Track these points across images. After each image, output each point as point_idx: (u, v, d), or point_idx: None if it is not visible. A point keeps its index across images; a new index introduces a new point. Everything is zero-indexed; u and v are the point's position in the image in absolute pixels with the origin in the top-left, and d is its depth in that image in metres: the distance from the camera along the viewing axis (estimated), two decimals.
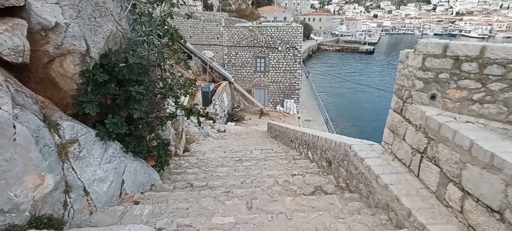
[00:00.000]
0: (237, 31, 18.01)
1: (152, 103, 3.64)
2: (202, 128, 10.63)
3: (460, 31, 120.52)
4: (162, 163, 3.47)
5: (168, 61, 4.12)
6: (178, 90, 3.66)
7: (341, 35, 77.47)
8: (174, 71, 4.04)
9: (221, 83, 17.53)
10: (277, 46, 17.82)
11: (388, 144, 2.81)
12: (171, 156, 5.28)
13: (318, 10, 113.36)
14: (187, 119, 3.53)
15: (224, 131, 12.54)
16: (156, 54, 3.23)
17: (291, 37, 17.56)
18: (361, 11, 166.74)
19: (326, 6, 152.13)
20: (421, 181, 2.24)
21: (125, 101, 3.06)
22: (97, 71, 2.76)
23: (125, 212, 2.48)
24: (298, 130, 5.95)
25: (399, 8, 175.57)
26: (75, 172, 2.42)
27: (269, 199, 2.79)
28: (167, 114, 4.04)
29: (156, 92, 3.54)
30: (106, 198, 2.65)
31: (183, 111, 3.51)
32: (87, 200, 2.46)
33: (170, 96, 3.61)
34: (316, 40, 64.25)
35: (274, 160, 5.02)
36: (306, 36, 60.07)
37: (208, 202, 2.74)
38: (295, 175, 3.88)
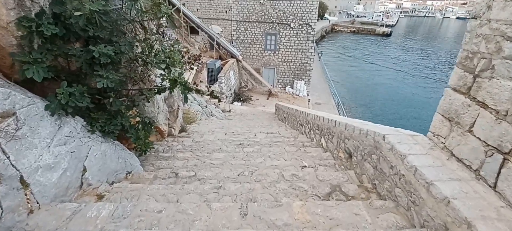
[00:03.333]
0: (247, 4, 16.82)
1: (132, 71, 2.93)
2: (206, 106, 10.00)
3: None
4: (140, 146, 2.81)
5: (160, 24, 3.37)
6: (164, 58, 2.92)
7: (357, 16, 73.86)
8: (178, 45, 3.24)
9: (228, 61, 16.67)
10: (289, 22, 16.61)
11: (439, 137, 2.02)
12: (164, 135, 4.66)
13: None
14: (170, 92, 2.81)
15: (229, 111, 11.89)
16: (128, 2, 2.47)
17: (305, 12, 16.28)
18: None
19: None
20: (502, 195, 1.48)
21: (89, 66, 2.36)
22: (43, 21, 2.03)
23: (76, 212, 1.85)
24: (309, 113, 5.18)
25: None
26: (7, 157, 1.77)
27: (271, 201, 2.11)
28: (154, 86, 3.32)
29: (135, 57, 2.81)
30: (57, 191, 2.02)
31: (167, 83, 2.78)
32: (26, 194, 1.83)
33: (154, 65, 2.88)
34: (329, 20, 61.24)
35: (281, 146, 4.31)
36: (320, 16, 57.23)
37: (191, 202, 2.08)
38: (305, 166, 3.17)
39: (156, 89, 3.06)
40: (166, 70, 2.92)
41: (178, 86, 2.59)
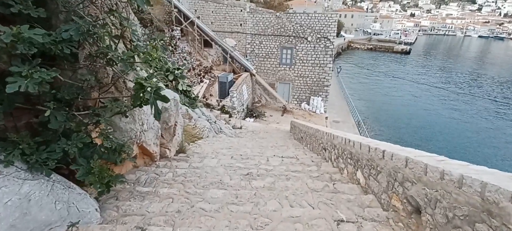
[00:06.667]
0: (263, 17, 16.27)
1: (93, 72, 2.05)
2: (215, 122, 9.13)
3: (509, 34, 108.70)
4: (91, 184, 1.86)
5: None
6: (138, 56, 2.04)
7: (374, 34, 72.60)
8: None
9: (241, 75, 15.97)
10: (306, 35, 15.81)
11: None
12: (154, 158, 3.74)
13: (350, 7, 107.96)
14: (133, 106, 1.87)
15: (241, 128, 10.96)
16: None
17: (324, 26, 15.45)
18: (396, 9, 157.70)
19: (359, 3, 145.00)
20: None
21: (7, 59, 1.50)
22: None
23: None
24: (337, 135, 4.12)
25: (439, 7, 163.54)
26: None
27: None
28: (128, 97, 2.41)
29: (96, 53, 1.94)
30: None
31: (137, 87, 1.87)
32: None
33: (125, 63, 2.00)
34: (344, 38, 60.08)
35: (301, 180, 3.26)
36: (336, 33, 56.29)
37: None
38: (342, 221, 2.11)
39: (115, 100, 2.15)
40: (139, 70, 2.03)
41: (145, 92, 1.66)
